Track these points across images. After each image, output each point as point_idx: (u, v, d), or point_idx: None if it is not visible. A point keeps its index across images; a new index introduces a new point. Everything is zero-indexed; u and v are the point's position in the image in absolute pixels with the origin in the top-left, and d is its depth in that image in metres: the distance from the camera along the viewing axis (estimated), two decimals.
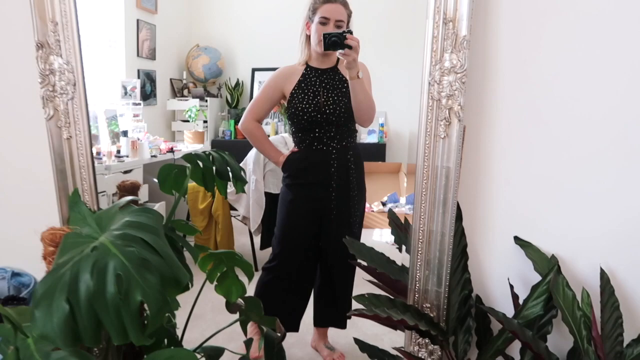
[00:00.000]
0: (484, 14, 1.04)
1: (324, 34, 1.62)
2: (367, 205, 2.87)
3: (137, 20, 2.85)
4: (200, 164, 1.24)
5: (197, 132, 3.51)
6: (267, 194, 2.70)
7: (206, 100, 3.70)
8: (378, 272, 1.15)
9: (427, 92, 1.01)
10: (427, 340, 1.12)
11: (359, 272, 1.89)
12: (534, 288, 1.10)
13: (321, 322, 2.00)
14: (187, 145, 3.23)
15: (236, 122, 3.44)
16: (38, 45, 1.07)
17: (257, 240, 2.74)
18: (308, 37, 1.82)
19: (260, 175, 2.76)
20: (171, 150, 2.73)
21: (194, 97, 3.66)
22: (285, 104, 1.90)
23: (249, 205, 2.80)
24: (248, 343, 1.30)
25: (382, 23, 2.73)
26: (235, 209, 2.83)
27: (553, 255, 1.16)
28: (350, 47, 1.59)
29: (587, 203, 1.14)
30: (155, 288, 0.75)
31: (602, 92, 1.09)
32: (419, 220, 1.09)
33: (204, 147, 3.43)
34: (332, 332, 2.01)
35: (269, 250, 2.02)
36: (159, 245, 0.80)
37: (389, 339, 1.36)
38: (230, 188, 3.19)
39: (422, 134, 1.03)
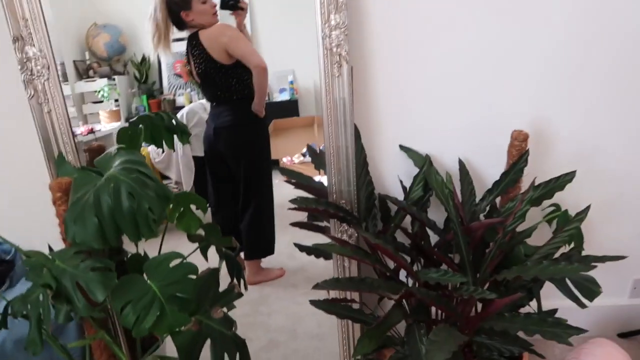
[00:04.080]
0: None
1: None
2: (288, 157, 3.19)
3: None
4: (152, 121, 1.52)
5: (112, 111, 3.59)
6: (194, 157, 2.96)
7: (114, 79, 3.75)
8: (305, 185, 1.53)
9: (322, 44, 1.38)
10: (346, 227, 1.53)
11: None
12: (415, 177, 1.54)
13: (254, 255, 2.39)
14: (105, 125, 3.33)
15: (148, 97, 3.56)
16: (14, 38, 1.28)
17: None
18: None
19: None
20: (92, 131, 2.86)
21: (101, 76, 3.68)
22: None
23: (179, 171, 3.04)
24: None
25: None
26: (167, 177, 3.06)
27: (427, 154, 1.60)
28: (242, 9, 2.08)
29: (447, 115, 1.58)
30: (156, 199, 1.06)
31: (455, 28, 1.49)
32: (329, 139, 1.47)
33: (121, 124, 3.53)
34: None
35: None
36: (150, 173, 1.11)
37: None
38: (159, 157, 3.38)
39: (322, 75, 1.40)
